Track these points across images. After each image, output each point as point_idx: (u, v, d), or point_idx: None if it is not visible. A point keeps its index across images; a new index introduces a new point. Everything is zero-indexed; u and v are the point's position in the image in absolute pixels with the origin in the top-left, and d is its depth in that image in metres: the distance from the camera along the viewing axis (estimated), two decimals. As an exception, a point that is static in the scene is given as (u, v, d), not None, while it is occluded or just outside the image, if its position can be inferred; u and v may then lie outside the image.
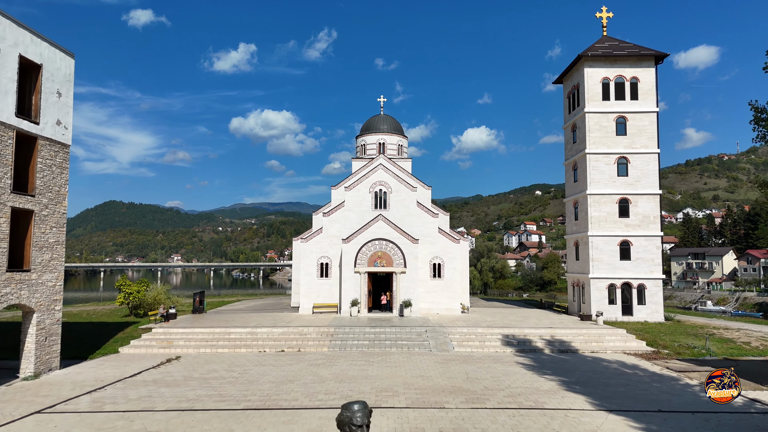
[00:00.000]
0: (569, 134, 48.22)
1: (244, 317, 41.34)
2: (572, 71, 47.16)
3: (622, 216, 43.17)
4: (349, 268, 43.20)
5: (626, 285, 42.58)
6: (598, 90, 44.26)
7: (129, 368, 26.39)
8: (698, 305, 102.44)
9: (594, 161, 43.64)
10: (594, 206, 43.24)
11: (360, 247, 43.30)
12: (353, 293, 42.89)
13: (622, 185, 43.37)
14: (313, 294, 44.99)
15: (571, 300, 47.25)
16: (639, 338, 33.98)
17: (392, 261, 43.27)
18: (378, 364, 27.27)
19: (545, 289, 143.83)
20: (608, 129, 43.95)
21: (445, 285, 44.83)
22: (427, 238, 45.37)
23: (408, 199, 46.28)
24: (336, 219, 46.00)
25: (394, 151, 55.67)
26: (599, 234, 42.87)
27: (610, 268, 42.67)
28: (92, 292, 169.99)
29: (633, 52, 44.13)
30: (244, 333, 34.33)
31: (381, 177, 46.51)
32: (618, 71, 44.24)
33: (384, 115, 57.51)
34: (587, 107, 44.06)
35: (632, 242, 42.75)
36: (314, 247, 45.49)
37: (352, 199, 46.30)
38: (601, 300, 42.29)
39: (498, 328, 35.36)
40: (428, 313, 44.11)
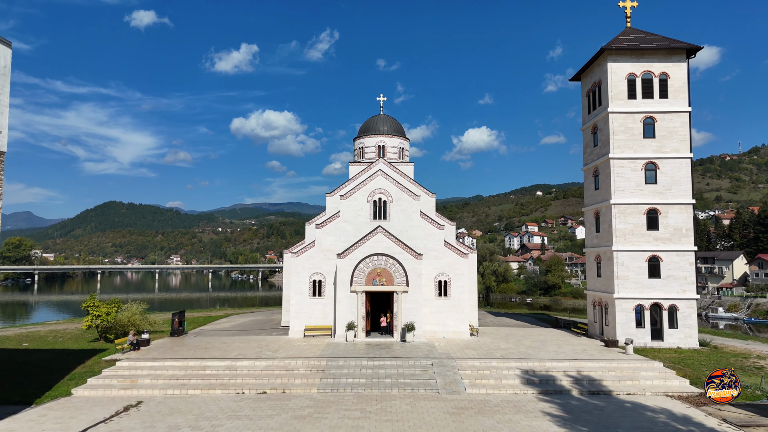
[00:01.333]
0: (589, 137, 43.53)
1: (226, 343, 36.71)
2: (593, 66, 42.49)
3: (651, 228, 38.50)
4: (345, 287, 38.55)
5: (656, 306, 37.92)
6: (623, 87, 39.58)
7: (74, 423, 21.74)
8: (709, 311, 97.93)
9: (619, 167, 38.98)
10: (619, 217, 38.57)
11: (357, 263, 38.64)
12: (349, 315, 38.24)
13: (651, 194, 38.71)
14: (305, 315, 40.33)
15: (591, 320, 42.59)
16: (679, 374, 29.28)
17: (393, 279, 38.62)
18: (376, 417, 22.60)
19: (549, 293, 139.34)
20: (634, 131, 39.29)
21: (452, 305, 40.15)
22: (431, 252, 40.71)
23: (410, 208, 41.60)
24: (330, 231, 41.32)
25: (394, 154, 51.01)
26: (625, 249, 38.20)
27: (637, 287, 38.01)
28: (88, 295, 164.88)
29: (662, 44, 39.48)
30: (222, 368, 29.68)
31: (380, 184, 41.83)
32: (645, 66, 39.57)
33: (384, 115, 52.85)
34: (611, 106, 39.40)
35: (662, 258, 38.09)
36: (306, 262, 40.82)
37: (349, 208, 41.62)
38: (628, 323, 37.64)
39: (515, 360, 30.71)
40: (433, 336, 39.47)
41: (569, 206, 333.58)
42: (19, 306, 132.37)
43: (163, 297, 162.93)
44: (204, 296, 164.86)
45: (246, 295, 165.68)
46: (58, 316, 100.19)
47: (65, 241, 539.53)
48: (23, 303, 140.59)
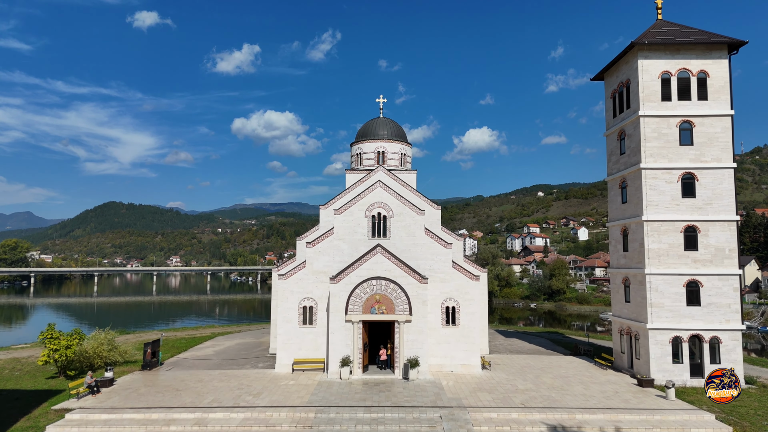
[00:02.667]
0: (614, 143, 38.69)
1: (202, 381, 31.94)
2: (620, 64, 37.64)
3: (689, 248, 33.66)
4: (339, 316, 33.76)
5: (695, 338, 33.10)
6: (656, 87, 34.75)
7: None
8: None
9: (651, 178, 34.15)
10: (652, 236, 33.74)
11: (353, 288, 33.85)
12: (344, 348, 33.45)
13: (688, 209, 33.88)
14: (294, 346, 35.52)
15: (618, 351, 37.75)
16: (736, 431, 24.49)
17: (394, 306, 33.82)
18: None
19: (554, 298, 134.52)
20: (669, 137, 34.46)
21: (461, 334, 35.35)
22: (438, 274, 35.92)
23: (414, 224, 36.78)
24: (323, 250, 36.51)
25: (395, 161, 46.19)
26: (659, 272, 33.37)
27: (673, 316, 33.19)
28: (85, 298, 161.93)
29: (701, 38, 34.67)
30: (191, 422, 24.87)
31: (380, 197, 37.01)
32: (682, 63, 34.74)
33: (384, 118, 48.00)
34: (642, 109, 34.57)
35: (702, 282, 33.28)
36: (295, 285, 36.01)
37: (344, 224, 36.80)
38: (663, 357, 32.82)
39: (538, 411, 25.91)
40: (440, 371, 34.67)
41: (571, 207, 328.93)
42: (15, 309, 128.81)
43: (161, 300, 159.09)
44: (202, 299, 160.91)
45: (245, 297, 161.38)
46: (53, 319, 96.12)
47: (64, 242, 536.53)
48: (18, 306, 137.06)
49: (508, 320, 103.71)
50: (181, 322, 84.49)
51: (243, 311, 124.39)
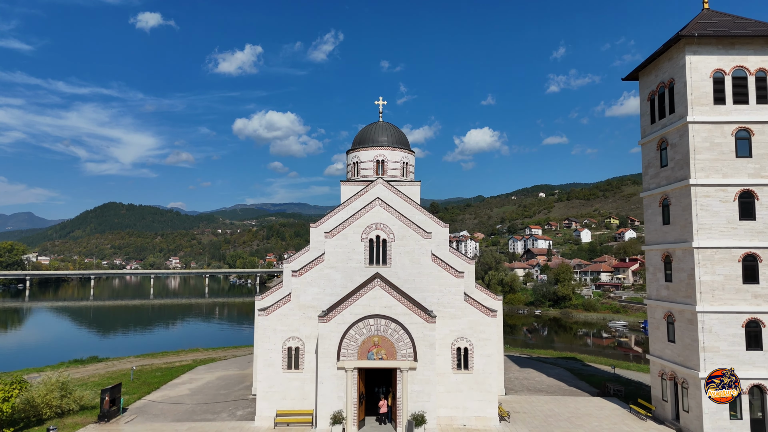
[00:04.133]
0: (653, 153, 33.15)
1: (164, 443, 26.52)
2: (660, 60, 32.10)
3: (748, 281, 28.14)
4: (330, 362, 28.28)
5: (756, 388, 27.58)
6: (707, 88, 29.23)
7: None
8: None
9: (703, 197, 28.63)
10: (705, 266, 28.21)
11: (346, 328, 28.37)
12: (335, 401, 27.96)
13: (747, 234, 28.36)
14: (277, 395, 30.02)
15: (659, 397, 32.23)
16: None
17: (395, 350, 28.33)
18: None
19: (559, 305, 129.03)
20: (724, 148, 28.95)
21: (474, 381, 29.85)
22: (447, 309, 30.44)
23: (418, 250, 31.22)
24: (311, 280, 30.99)
25: (397, 170, 40.69)
26: (714, 309, 27.83)
27: (730, 362, 27.58)
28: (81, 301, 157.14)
29: (760, 30, 29.16)
30: None
31: (379, 217, 31.47)
32: (737, 60, 29.23)
33: (384, 123, 42.49)
34: (691, 114, 29.05)
35: (764, 322, 27.74)
36: (278, 323, 30.49)
37: (337, 250, 31.26)
38: (719, 413, 27.26)
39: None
40: (450, 424, 29.17)
41: (573, 208, 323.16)
42: (10, 313, 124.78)
43: (158, 303, 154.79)
44: (201, 302, 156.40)
45: (243, 300, 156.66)
46: (48, 323, 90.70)
47: (64, 243, 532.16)
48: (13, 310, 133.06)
49: (513, 327, 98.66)
50: (165, 340, 78.88)
51: (240, 314, 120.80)
